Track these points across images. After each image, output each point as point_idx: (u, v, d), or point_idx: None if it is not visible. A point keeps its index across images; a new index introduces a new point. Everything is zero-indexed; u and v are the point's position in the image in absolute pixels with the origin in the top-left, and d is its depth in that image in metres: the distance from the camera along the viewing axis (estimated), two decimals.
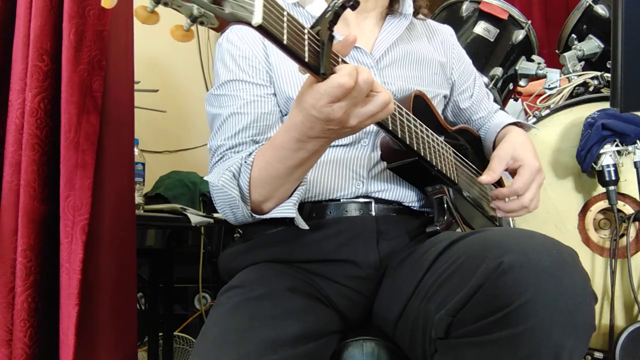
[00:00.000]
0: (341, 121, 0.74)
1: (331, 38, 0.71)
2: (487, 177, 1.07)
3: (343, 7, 0.71)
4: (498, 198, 1.08)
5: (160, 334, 1.90)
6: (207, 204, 2.17)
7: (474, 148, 1.25)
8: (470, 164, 1.17)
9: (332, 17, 0.71)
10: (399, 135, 0.88)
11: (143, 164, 1.68)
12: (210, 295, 2.27)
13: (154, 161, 2.31)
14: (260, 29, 0.62)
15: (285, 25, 0.66)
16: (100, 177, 1.10)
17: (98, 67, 1.08)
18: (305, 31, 0.69)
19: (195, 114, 2.76)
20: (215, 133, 1.04)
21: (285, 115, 1.04)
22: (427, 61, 1.17)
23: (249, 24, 0.61)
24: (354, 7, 0.71)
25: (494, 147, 1.21)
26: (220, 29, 0.61)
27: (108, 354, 1.13)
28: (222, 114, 1.02)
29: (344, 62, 0.75)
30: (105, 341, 1.13)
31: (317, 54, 0.70)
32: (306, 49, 0.69)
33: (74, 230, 1.04)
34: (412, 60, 1.15)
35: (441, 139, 1.04)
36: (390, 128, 0.86)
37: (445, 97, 1.23)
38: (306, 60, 0.68)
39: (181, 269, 2.19)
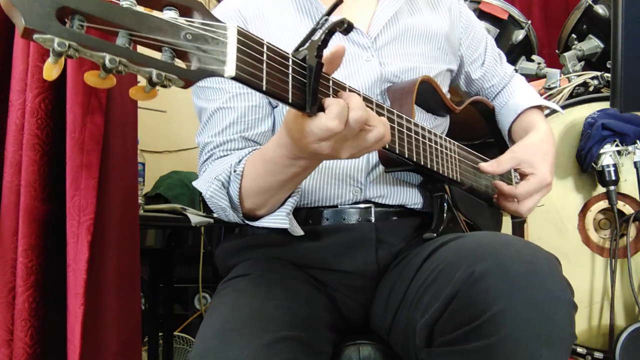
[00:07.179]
0: (331, 155, 0.71)
1: (320, 66, 0.64)
2: (488, 167, 1.01)
3: (331, 33, 0.64)
4: (497, 189, 1.05)
5: (160, 334, 1.91)
6: (207, 204, 2.17)
7: (488, 120, 1.20)
8: (479, 154, 1.10)
9: (321, 42, 0.64)
10: (397, 151, 0.83)
11: (143, 164, 1.68)
12: (210, 295, 2.27)
13: (154, 161, 2.31)
14: (235, 80, 0.56)
15: (264, 64, 0.59)
16: (105, 177, 1.10)
17: None
18: (290, 61, 0.63)
19: (196, 114, 2.75)
20: (202, 128, 1.00)
21: (275, 107, 0.99)
22: (431, 34, 1.07)
23: (220, 76, 0.55)
24: (347, 32, 0.65)
25: (509, 132, 1.17)
26: (188, 86, 0.54)
27: (113, 353, 1.13)
28: (208, 108, 0.98)
29: (335, 85, 0.70)
30: (111, 340, 1.13)
31: (302, 88, 0.63)
32: (290, 85, 0.62)
33: (79, 230, 1.04)
34: (413, 35, 1.05)
35: (444, 136, 0.99)
36: (387, 147, 0.80)
37: (450, 70, 1.14)
38: (290, 101, 0.62)
39: (181, 269, 2.19)
